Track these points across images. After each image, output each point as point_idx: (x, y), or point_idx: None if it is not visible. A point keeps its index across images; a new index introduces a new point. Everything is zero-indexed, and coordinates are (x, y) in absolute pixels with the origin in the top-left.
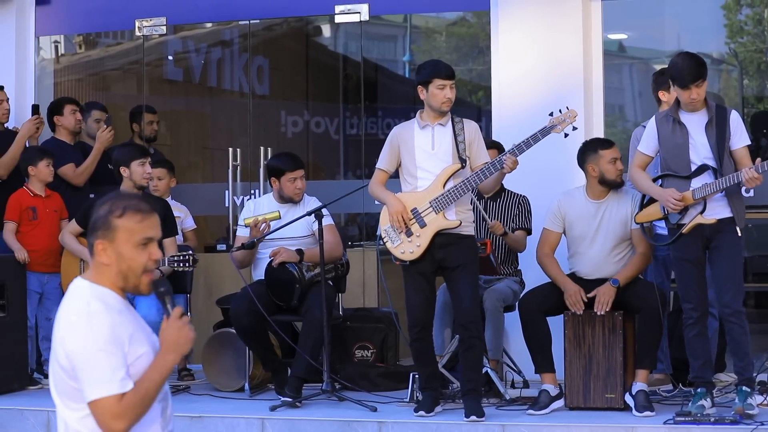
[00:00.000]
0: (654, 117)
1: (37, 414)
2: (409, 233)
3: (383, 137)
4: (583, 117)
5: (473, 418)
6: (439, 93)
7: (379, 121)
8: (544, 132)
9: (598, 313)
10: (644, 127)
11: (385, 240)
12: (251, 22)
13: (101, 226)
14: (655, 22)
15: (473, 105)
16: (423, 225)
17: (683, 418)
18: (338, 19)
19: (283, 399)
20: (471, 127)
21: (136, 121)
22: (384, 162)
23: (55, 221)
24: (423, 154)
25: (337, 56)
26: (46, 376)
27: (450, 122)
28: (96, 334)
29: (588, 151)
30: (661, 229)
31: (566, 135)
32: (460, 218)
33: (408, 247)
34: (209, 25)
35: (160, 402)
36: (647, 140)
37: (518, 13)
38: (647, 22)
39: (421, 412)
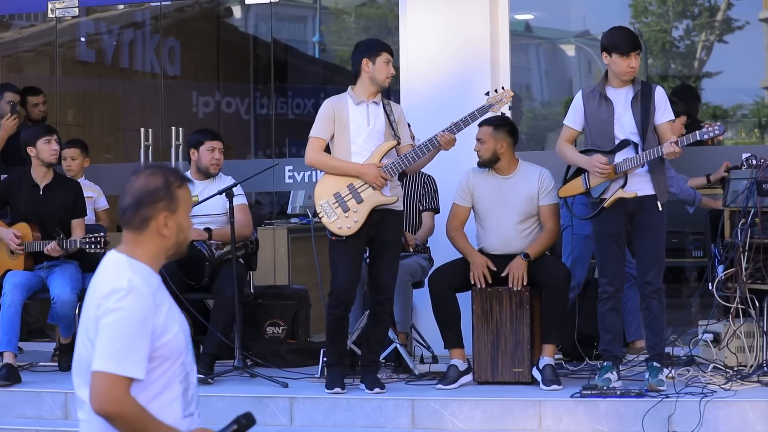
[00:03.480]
0: (581, 92)
1: None
2: (345, 208)
3: (293, 117)
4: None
5: (377, 390)
6: (386, 67)
7: (289, 101)
8: (482, 111)
9: (514, 290)
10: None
11: (321, 215)
12: (162, 3)
13: (164, 197)
14: (562, 2)
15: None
16: (360, 201)
17: (590, 392)
18: (249, 0)
19: None
20: (398, 109)
21: (22, 104)
22: (320, 130)
23: None
24: (358, 129)
25: (247, 37)
26: None
27: (381, 102)
28: (130, 311)
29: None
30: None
31: (503, 114)
32: (395, 194)
33: (345, 223)
34: (121, 6)
35: (182, 383)
36: (573, 114)
37: None
38: (553, 3)
39: (337, 389)
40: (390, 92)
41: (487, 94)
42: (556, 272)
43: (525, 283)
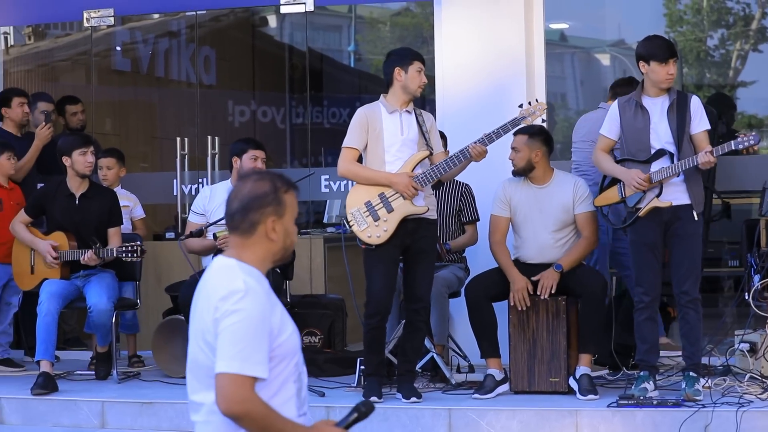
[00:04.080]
0: (617, 101)
1: None
2: (375, 217)
3: (329, 126)
4: (525, 105)
5: (414, 399)
6: (418, 76)
7: (324, 110)
8: (514, 123)
9: (541, 297)
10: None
11: (351, 224)
12: (198, 12)
13: (271, 202)
14: (596, 11)
15: None
16: (390, 210)
17: (627, 401)
18: (284, 9)
19: None
20: (430, 118)
21: (61, 113)
22: (354, 140)
23: (17, 213)
24: (392, 138)
25: (282, 46)
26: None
27: (413, 110)
28: (249, 311)
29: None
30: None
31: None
32: (427, 204)
33: (374, 232)
34: (157, 16)
35: (296, 382)
36: (609, 124)
37: (461, 3)
38: (588, 12)
39: (374, 398)
40: (425, 101)
41: (521, 106)
42: (593, 282)
43: (553, 292)
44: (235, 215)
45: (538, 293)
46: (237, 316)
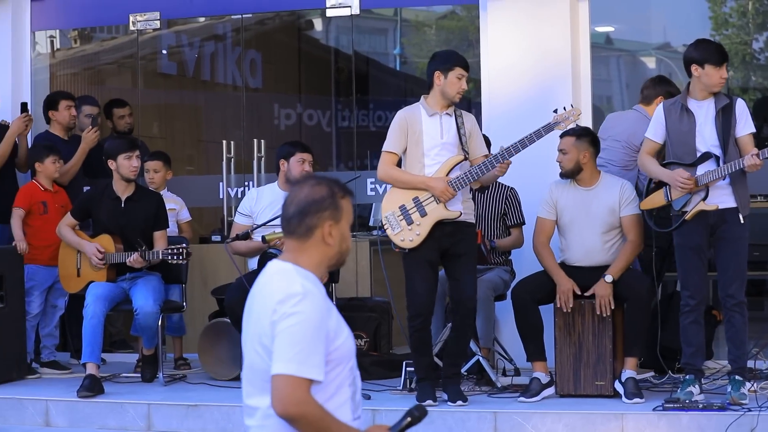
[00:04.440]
0: (662, 104)
1: (36, 403)
2: (409, 221)
3: (375, 129)
4: (570, 107)
5: (460, 402)
6: (457, 82)
7: (370, 113)
8: (547, 128)
9: (604, 315)
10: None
11: (386, 227)
12: (244, 16)
13: (328, 207)
14: (642, 14)
15: (463, 97)
16: (423, 214)
17: (672, 405)
18: (329, 12)
19: None
20: (470, 120)
21: (108, 116)
22: (394, 144)
23: (62, 216)
24: (431, 142)
25: (328, 49)
26: (43, 366)
27: (453, 113)
28: (307, 314)
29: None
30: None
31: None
32: (462, 208)
33: (408, 235)
34: (202, 19)
35: (350, 386)
36: (655, 127)
37: (507, 6)
38: (634, 15)
39: (428, 401)
40: (471, 104)
41: (555, 111)
42: (639, 286)
43: (612, 308)
44: (292, 219)
45: (598, 312)
46: (295, 318)
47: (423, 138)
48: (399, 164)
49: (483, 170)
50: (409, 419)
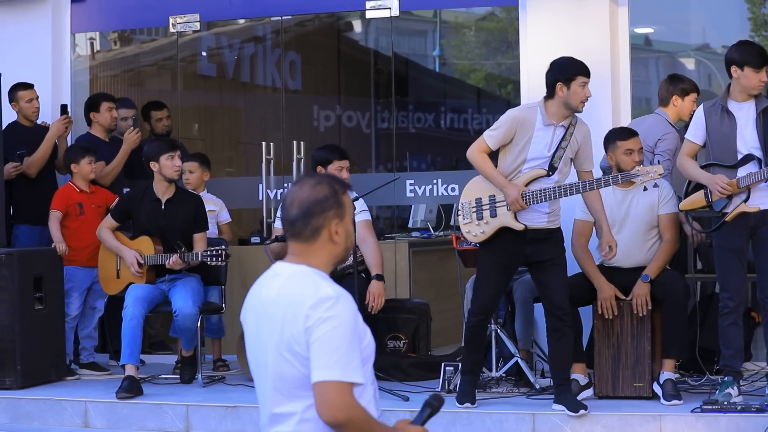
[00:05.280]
0: (702, 105)
1: (75, 404)
2: (479, 216)
3: (414, 131)
4: (610, 110)
5: (582, 412)
6: (581, 91)
7: (409, 115)
8: (625, 176)
9: (641, 315)
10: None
11: (459, 213)
12: (283, 18)
13: (332, 205)
14: (681, 16)
15: (502, 99)
16: (493, 215)
17: (710, 407)
18: (369, 14)
19: None
20: (582, 131)
21: (146, 119)
22: (494, 139)
23: (100, 216)
24: (537, 152)
25: (368, 51)
26: (82, 367)
27: (568, 123)
28: (343, 317)
29: (609, 140)
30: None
31: (645, 189)
32: (549, 218)
33: (474, 230)
34: (242, 21)
35: (372, 384)
36: (695, 129)
37: (546, 8)
38: (673, 16)
39: (467, 404)
40: (510, 105)
41: (641, 162)
42: (675, 287)
43: (650, 308)
44: (296, 222)
45: (635, 311)
46: (332, 322)
47: (530, 147)
48: (495, 156)
49: (558, 193)
50: (429, 410)
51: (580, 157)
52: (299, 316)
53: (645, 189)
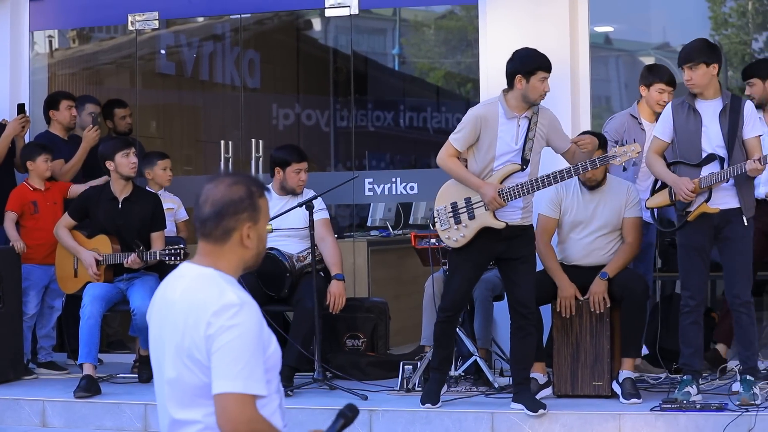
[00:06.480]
0: (670, 103)
1: (33, 404)
2: (457, 220)
3: (373, 129)
4: (570, 108)
5: (542, 411)
6: (540, 86)
7: (369, 113)
8: (603, 160)
9: (597, 312)
10: (613, 119)
11: (435, 220)
12: (242, 16)
13: (247, 208)
14: (641, 14)
15: (461, 98)
16: (472, 217)
17: (669, 405)
18: (328, 12)
19: None
20: (547, 117)
21: (108, 117)
22: (460, 141)
23: (57, 213)
24: (504, 147)
25: (327, 50)
26: (40, 366)
27: (531, 114)
28: (246, 326)
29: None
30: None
31: (624, 169)
32: (519, 215)
33: (453, 235)
34: (201, 19)
35: (277, 393)
36: (663, 126)
37: (505, 6)
38: (633, 15)
39: (428, 405)
40: (469, 104)
41: (616, 143)
42: (634, 285)
43: (608, 305)
44: (208, 221)
45: (592, 308)
46: (235, 331)
47: (496, 144)
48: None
49: (535, 187)
50: (342, 421)
51: (555, 141)
52: (201, 322)
53: (624, 169)
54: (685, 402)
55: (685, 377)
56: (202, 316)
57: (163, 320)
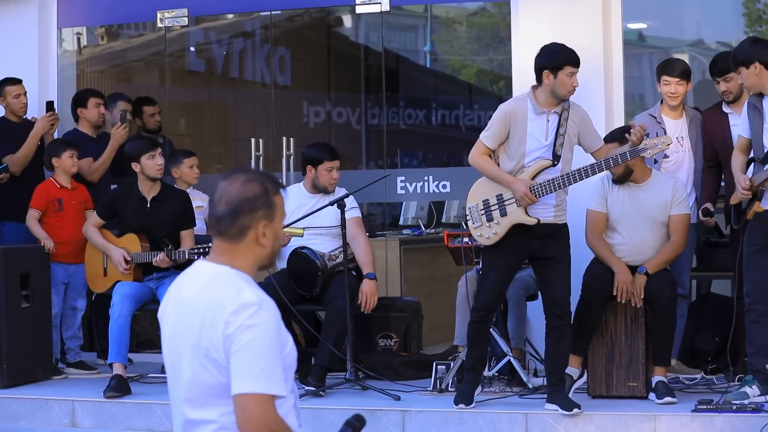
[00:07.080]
0: (747, 100)
1: (62, 403)
2: (489, 218)
3: (404, 127)
4: (603, 106)
5: (576, 411)
6: (568, 81)
7: (400, 111)
8: (634, 153)
9: (637, 306)
10: (634, 120)
11: (468, 218)
12: (273, 13)
13: (263, 205)
14: (675, 11)
15: (494, 95)
16: (504, 214)
17: (705, 406)
18: (359, 9)
19: (306, 388)
20: (578, 114)
21: (137, 114)
22: (491, 139)
23: (80, 213)
24: (534, 143)
25: (358, 47)
26: (70, 366)
27: (561, 110)
28: (266, 326)
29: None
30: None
31: (655, 161)
32: (553, 213)
33: (485, 232)
34: (231, 16)
35: (292, 393)
36: (743, 123)
37: (538, 2)
38: (667, 12)
39: (461, 405)
40: (502, 101)
41: (647, 135)
42: (662, 291)
43: (643, 300)
44: (223, 219)
45: (624, 300)
46: (254, 331)
47: (527, 139)
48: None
49: (570, 181)
50: (350, 431)
51: (586, 138)
52: (219, 321)
53: (655, 161)
54: (720, 403)
55: (746, 377)
56: (219, 315)
57: (178, 319)
